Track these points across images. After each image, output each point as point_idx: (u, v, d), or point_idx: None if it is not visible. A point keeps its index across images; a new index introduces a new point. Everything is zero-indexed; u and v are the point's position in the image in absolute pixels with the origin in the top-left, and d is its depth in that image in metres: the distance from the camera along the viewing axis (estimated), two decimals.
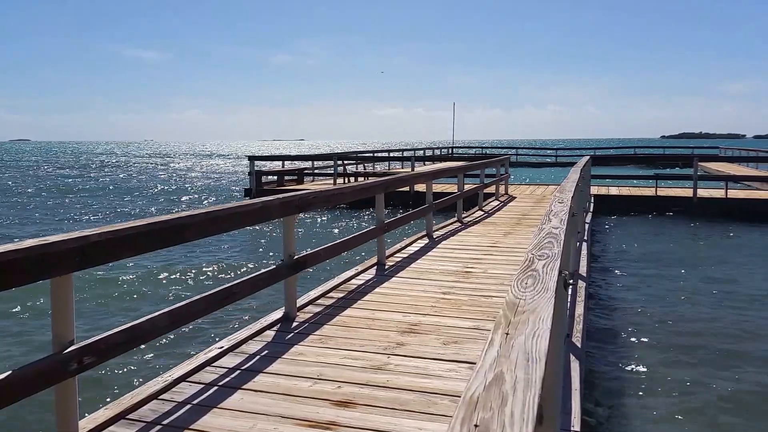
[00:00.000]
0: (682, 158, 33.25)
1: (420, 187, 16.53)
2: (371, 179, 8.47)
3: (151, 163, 63.46)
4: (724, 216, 16.77)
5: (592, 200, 15.46)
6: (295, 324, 4.80)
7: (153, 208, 21.59)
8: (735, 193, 18.97)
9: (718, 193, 18.48)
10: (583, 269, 6.82)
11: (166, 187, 31.48)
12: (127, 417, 3.11)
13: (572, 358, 3.90)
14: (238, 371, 3.77)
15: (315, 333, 4.56)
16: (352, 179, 22.43)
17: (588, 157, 14.06)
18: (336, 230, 15.47)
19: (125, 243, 2.99)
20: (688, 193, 18.07)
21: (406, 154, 35.82)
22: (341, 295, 5.74)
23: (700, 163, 18.38)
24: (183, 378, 3.59)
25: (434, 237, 9.27)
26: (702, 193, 18.23)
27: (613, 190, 19.63)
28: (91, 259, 2.82)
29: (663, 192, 18.73)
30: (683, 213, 17.25)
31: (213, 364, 3.86)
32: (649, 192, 18.88)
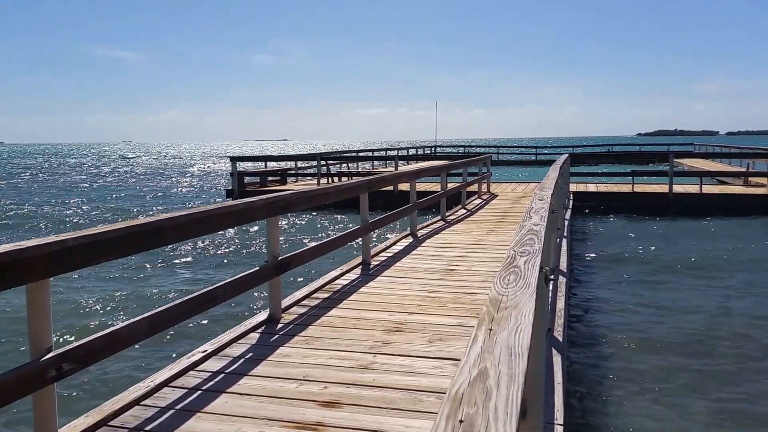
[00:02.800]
0: (658, 155, 33.75)
1: (404, 187, 16.52)
2: (355, 179, 8.45)
3: (129, 165, 62.85)
4: (699, 210, 17.13)
5: (572, 197, 15.63)
6: (280, 325, 4.77)
7: (131, 211, 21.36)
8: (709, 189, 19.48)
9: (693, 189, 18.93)
10: (563, 265, 6.87)
11: (143, 190, 31.19)
12: (109, 424, 3.06)
13: (554, 352, 3.92)
14: (223, 375, 3.73)
15: (300, 334, 4.54)
16: (335, 179, 22.39)
17: (567, 156, 14.21)
18: (320, 230, 15.44)
19: (103, 247, 2.94)
20: (664, 188, 18.40)
21: (389, 153, 35.89)
22: (326, 295, 5.72)
23: (675, 160, 18.78)
24: (166, 383, 3.55)
25: (418, 236, 9.28)
26: (678, 188, 18.61)
27: (592, 187, 19.90)
28: (68, 263, 2.78)
29: (640, 188, 19.06)
30: (660, 208, 17.54)
31: (196, 368, 3.81)
32: (626, 188, 19.20)
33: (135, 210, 21.88)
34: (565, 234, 8.85)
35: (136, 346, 5.15)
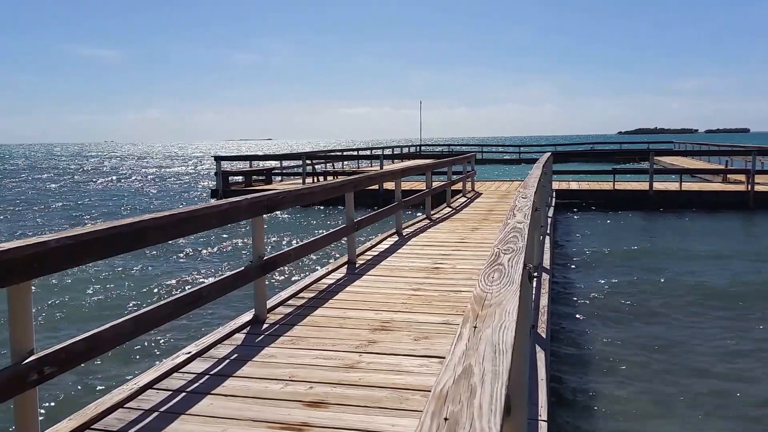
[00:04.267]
0: (638, 153, 34.11)
1: (389, 185, 16.56)
2: (340, 178, 8.44)
3: (111, 165, 62.22)
4: (679, 207, 17.39)
5: (554, 195, 15.76)
6: (265, 326, 4.75)
7: (112, 213, 21.16)
8: (689, 186, 19.83)
9: (673, 186, 19.27)
10: (546, 262, 6.92)
11: (125, 190, 30.91)
12: (92, 427, 3.03)
13: (538, 348, 3.95)
14: (207, 376, 3.71)
15: (286, 334, 4.53)
16: (321, 178, 22.35)
17: (549, 154, 14.35)
18: (306, 230, 15.40)
19: (85, 248, 2.91)
20: (644, 186, 18.67)
21: (374, 152, 35.88)
22: (312, 294, 5.70)
23: (655, 158, 19.09)
24: (150, 385, 3.52)
25: (404, 234, 9.29)
26: (658, 186, 18.89)
27: (574, 185, 20.15)
28: (49, 265, 2.74)
29: (621, 186, 19.30)
30: (640, 205, 17.77)
31: (181, 370, 3.79)
32: (607, 186, 19.46)
33: (115, 211, 21.67)
34: (548, 231, 8.91)
35: (123, 346, 5.11)
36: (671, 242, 13.35)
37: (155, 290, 9.51)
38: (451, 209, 12.88)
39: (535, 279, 5.03)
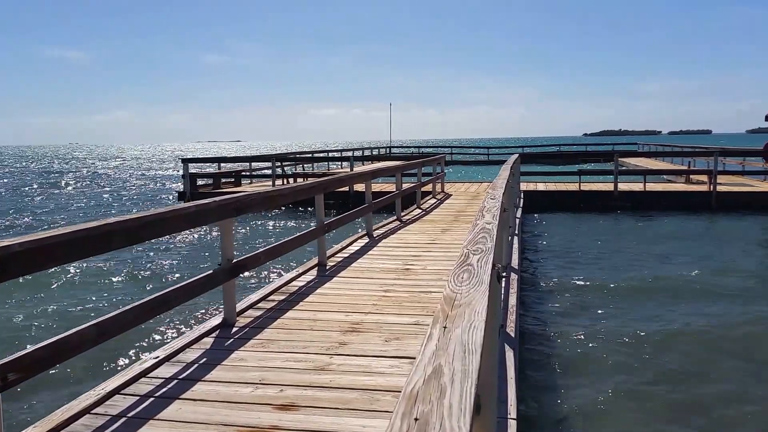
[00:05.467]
0: (603, 154, 34.74)
1: (359, 187, 16.57)
2: (310, 180, 8.42)
3: (76, 168, 60.92)
4: (643, 207, 17.80)
5: (522, 196, 15.97)
6: (235, 329, 4.71)
7: (77, 216, 20.74)
8: (653, 186, 20.27)
9: (637, 187, 19.71)
10: (515, 262, 7.00)
11: (92, 193, 30.30)
12: None
13: (507, 347, 4.00)
14: (176, 381, 3.67)
15: (256, 337, 4.50)
16: (291, 180, 22.23)
17: (517, 156, 14.54)
18: (276, 232, 15.31)
19: (50, 252, 2.85)
20: (609, 187, 19.05)
21: (344, 154, 35.83)
22: (282, 297, 5.68)
23: (620, 159, 19.50)
24: (117, 390, 3.47)
25: (374, 236, 9.31)
26: (622, 186, 19.33)
27: (541, 186, 20.49)
28: (13, 270, 2.68)
29: (586, 186, 19.68)
30: (606, 205, 18.14)
31: (148, 375, 3.74)
32: (573, 187, 19.80)
33: (80, 215, 21.24)
34: (516, 232, 9.02)
35: (90, 352, 5.01)
36: (636, 242, 13.66)
37: (120, 295, 9.35)
38: (421, 211, 12.94)
39: (503, 279, 5.09)
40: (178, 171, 38.83)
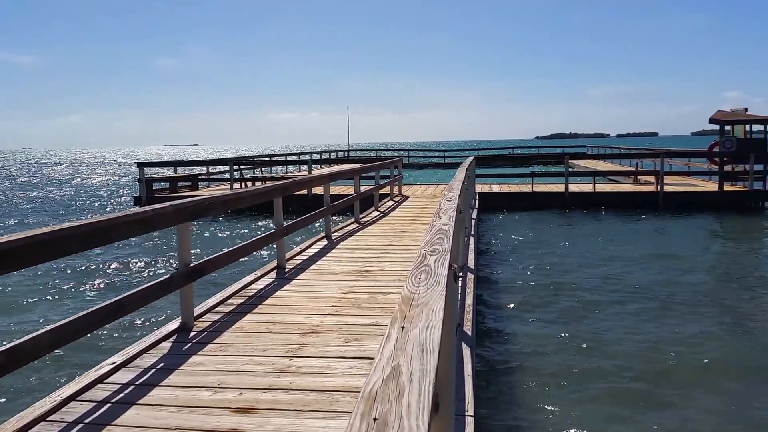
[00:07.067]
0: (554, 157, 35.51)
1: (318, 190, 16.53)
2: (269, 183, 8.38)
3: (28, 173, 58.90)
4: (593, 207, 18.36)
5: (477, 197, 16.23)
6: (192, 334, 4.67)
7: (28, 223, 20.09)
8: (602, 187, 21.06)
9: (587, 188, 20.37)
10: (471, 262, 7.11)
11: (44, 199, 29.37)
12: None
13: (464, 345, 4.07)
14: (133, 386, 3.62)
15: (214, 341, 4.47)
16: (249, 184, 22.00)
17: (472, 158, 14.79)
18: (234, 236, 15.15)
19: (2, 259, 2.79)
20: (560, 188, 19.59)
21: (303, 157, 35.65)
22: (241, 300, 5.65)
23: (570, 161, 20.08)
24: (73, 397, 3.41)
25: (333, 238, 9.32)
26: (573, 187, 19.93)
27: (495, 188, 20.95)
28: None
29: (539, 188, 20.21)
30: (557, 205, 18.63)
31: (105, 381, 3.68)
32: (526, 188, 20.33)
33: (32, 222, 20.59)
34: (472, 232, 9.16)
35: (44, 358, 4.90)
36: (586, 240, 14.11)
37: (75, 301, 9.12)
38: (379, 213, 13.01)
39: (460, 279, 5.18)
40: (133, 175, 37.91)
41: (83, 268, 11.57)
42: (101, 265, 11.87)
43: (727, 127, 20.89)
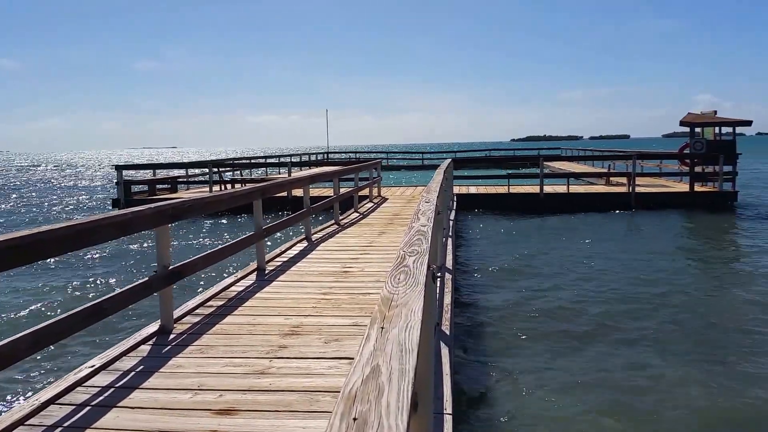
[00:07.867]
0: (529, 159, 35.88)
1: (297, 192, 16.50)
2: (249, 185, 8.37)
3: (4, 177, 57.81)
4: (568, 208, 18.66)
5: (455, 199, 16.37)
6: (172, 336, 4.66)
7: (3, 226, 19.76)
8: (576, 188, 21.51)
9: (562, 189, 20.75)
10: (449, 262, 7.17)
11: (18, 202, 28.88)
12: None
13: (442, 345, 4.12)
14: (113, 389, 3.61)
15: (194, 343, 4.47)
16: (228, 186, 21.88)
17: (450, 160, 14.90)
18: (214, 238, 15.07)
19: None
20: (536, 189, 19.87)
21: (282, 160, 35.55)
22: (221, 302, 5.64)
23: (545, 163, 20.41)
24: (52, 400, 3.39)
25: (313, 240, 9.33)
26: (548, 189, 20.24)
27: (473, 189, 21.30)
28: None
29: (515, 189, 20.57)
30: (533, 207, 18.88)
31: (84, 384, 3.66)
32: (503, 190, 20.67)
33: (8, 225, 20.25)
34: (450, 233, 9.24)
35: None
36: (561, 240, 14.35)
37: (54, 304, 9.01)
38: (358, 214, 13.04)
39: (438, 279, 5.23)
40: (112, 178, 37.44)
41: (62, 271, 11.42)
42: (79, 269, 11.73)
43: (697, 130, 21.27)
